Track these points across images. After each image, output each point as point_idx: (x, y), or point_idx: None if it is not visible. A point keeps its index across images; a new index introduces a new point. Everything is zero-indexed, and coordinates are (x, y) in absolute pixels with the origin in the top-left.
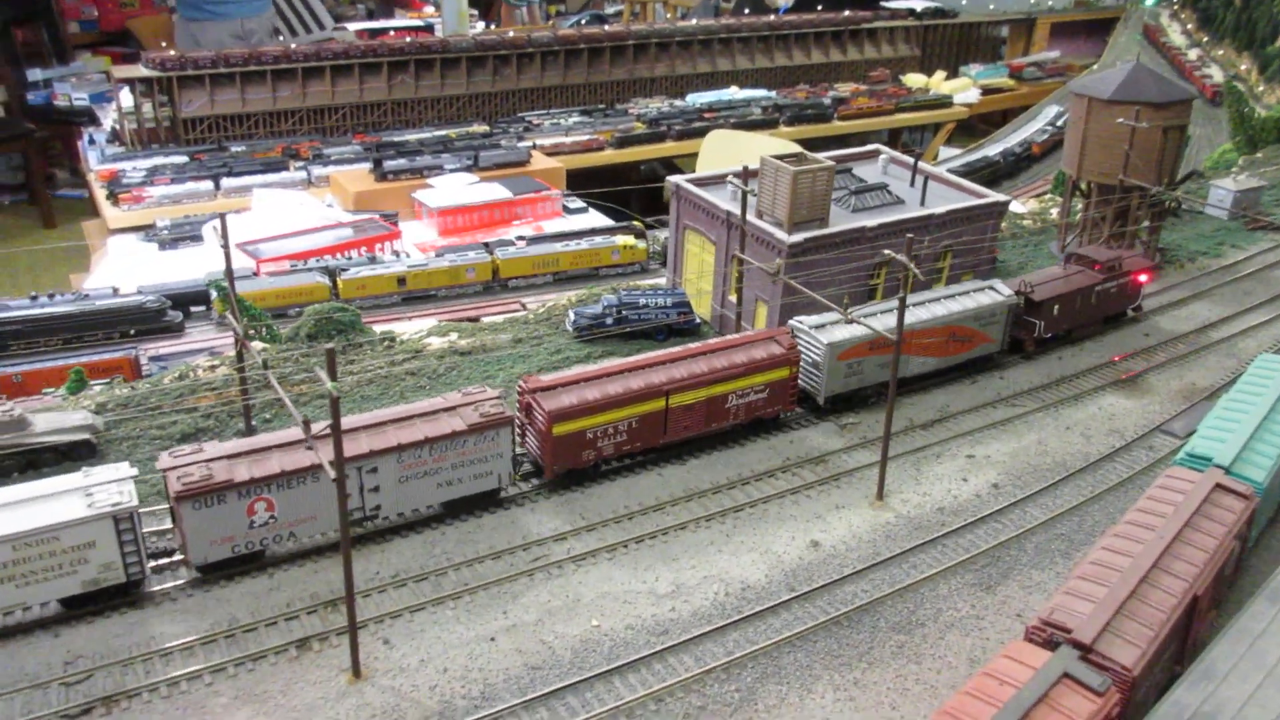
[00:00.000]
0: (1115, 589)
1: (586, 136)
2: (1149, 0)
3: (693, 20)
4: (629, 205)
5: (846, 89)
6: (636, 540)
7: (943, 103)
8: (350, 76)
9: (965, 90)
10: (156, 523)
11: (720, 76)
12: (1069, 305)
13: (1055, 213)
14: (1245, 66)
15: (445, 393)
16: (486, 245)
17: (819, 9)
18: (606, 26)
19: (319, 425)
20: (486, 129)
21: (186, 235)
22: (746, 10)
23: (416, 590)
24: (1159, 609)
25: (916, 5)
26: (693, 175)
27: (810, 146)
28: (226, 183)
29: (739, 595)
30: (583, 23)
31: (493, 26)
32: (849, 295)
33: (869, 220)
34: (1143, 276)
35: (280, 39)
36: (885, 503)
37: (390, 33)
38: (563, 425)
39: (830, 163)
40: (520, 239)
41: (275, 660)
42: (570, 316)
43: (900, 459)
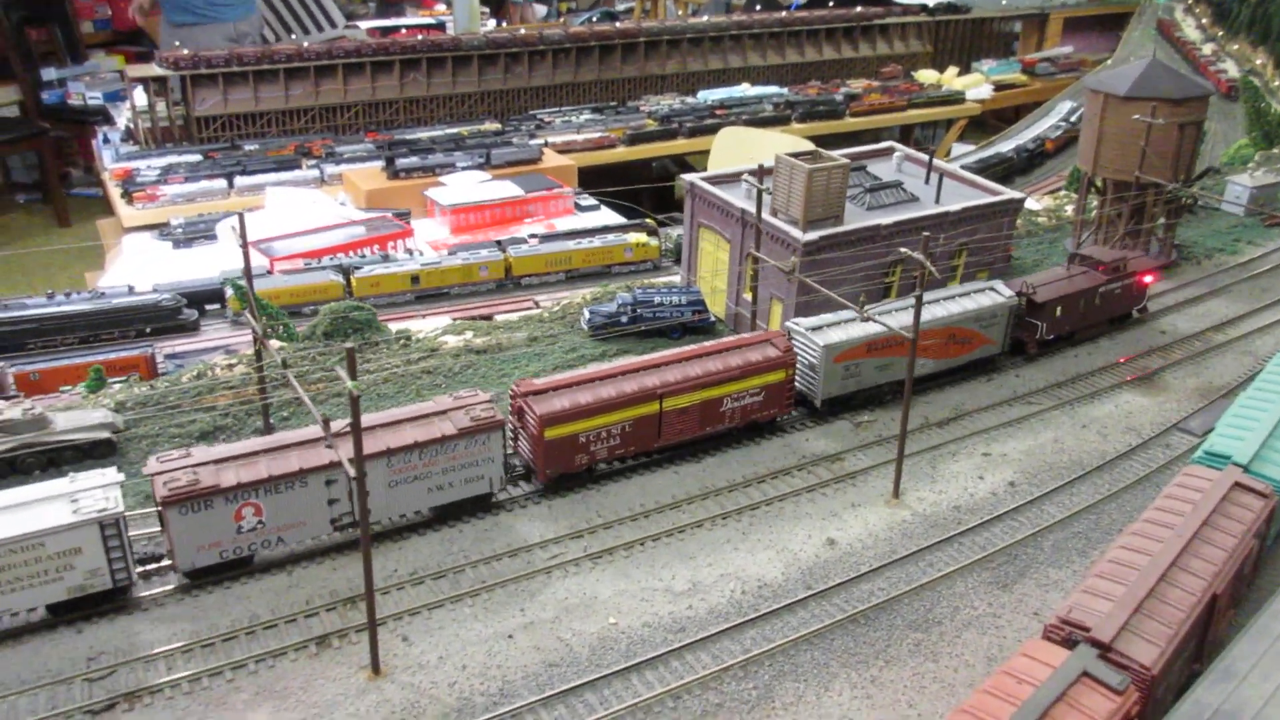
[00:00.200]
0: (1134, 587)
1: (598, 134)
2: None
3: (704, 17)
4: (640, 203)
5: (858, 85)
6: (653, 538)
7: (955, 99)
8: (362, 75)
9: (978, 86)
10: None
11: (732, 73)
12: (1072, 306)
13: (1070, 210)
14: (1261, 61)
15: (459, 391)
16: (499, 243)
17: (830, 5)
18: (618, 23)
19: (335, 424)
20: (498, 127)
21: (200, 234)
22: (758, 7)
23: (435, 588)
24: (1178, 608)
25: (929, 1)
26: (707, 173)
27: (822, 143)
28: (240, 181)
29: (755, 593)
30: (594, 20)
31: (504, 24)
32: (865, 293)
33: (884, 218)
34: (1148, 277)
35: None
36: (901, 501)
37: (402, 31)
38: (555, 429)
39: (845, 160)
40: (533, 237)
41: (295, 657)
42: (585, 315)
43: (916, 457)
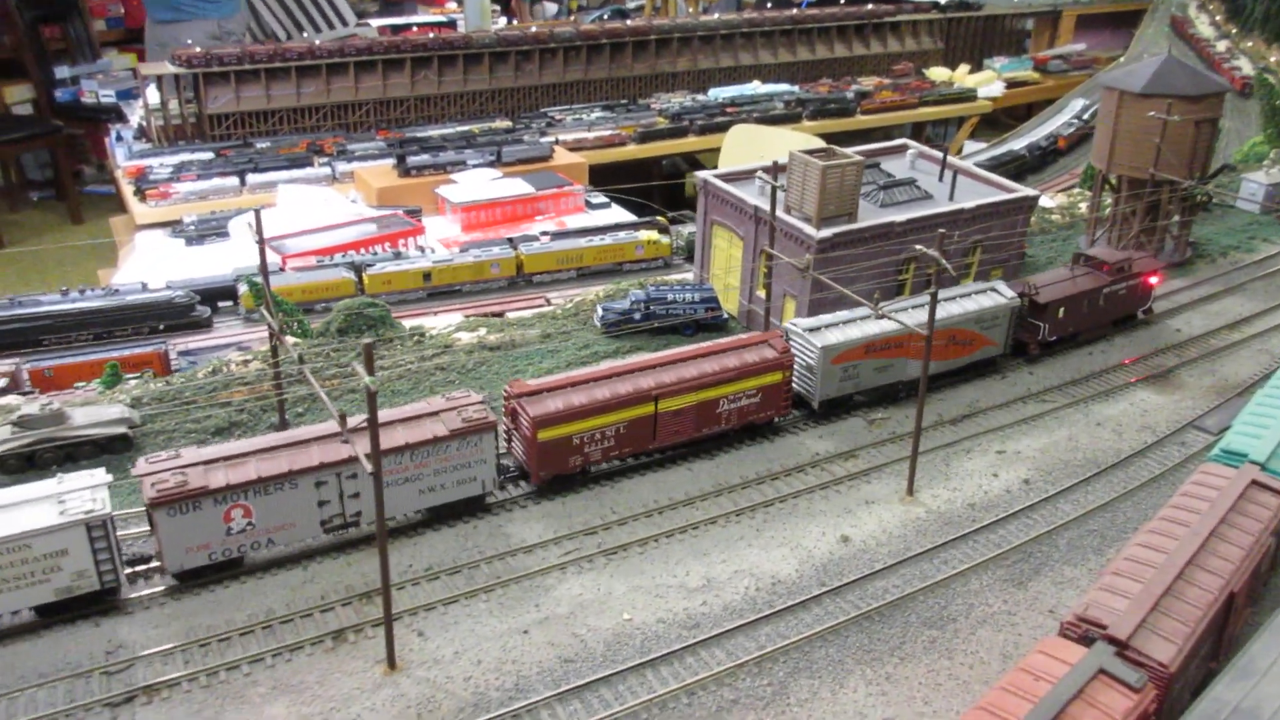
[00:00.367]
0: (1151, 585)
1: (609, 132)
2: None
3: (715, 14)
4: (651, 201)
5: (869, 83)
6: (667, 535)
7: (966, 96)
8: (374, 72)
9: (989, 84)
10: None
11: (742, 71)
12: (1075, 307)
13: (1084, 207)
14: (1275, 58)
15: (475, 388)
16: (511, 240)
17: (842, 2)
18: (629, 21)
19: (353, 419)
20: (509, 124)
21: (212, 231)
22: (769, 4)
23: (449, 583)
24: (1195, 605)
25: None
26: (720, 170)
27: (833, 141)
28: (252, 179)
29: (770, 590)
30: (605, 17)
31: (514, 22)
32: (879, 291)
33: (897, 215)
34: (1153, 278)
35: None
36: (915, 498)
37: (413, 29)
38: (548, 431)
39: (859, 157)
40: (544, 234)
41: (311, 651)
42: (598, 312)
43: (930, 454)
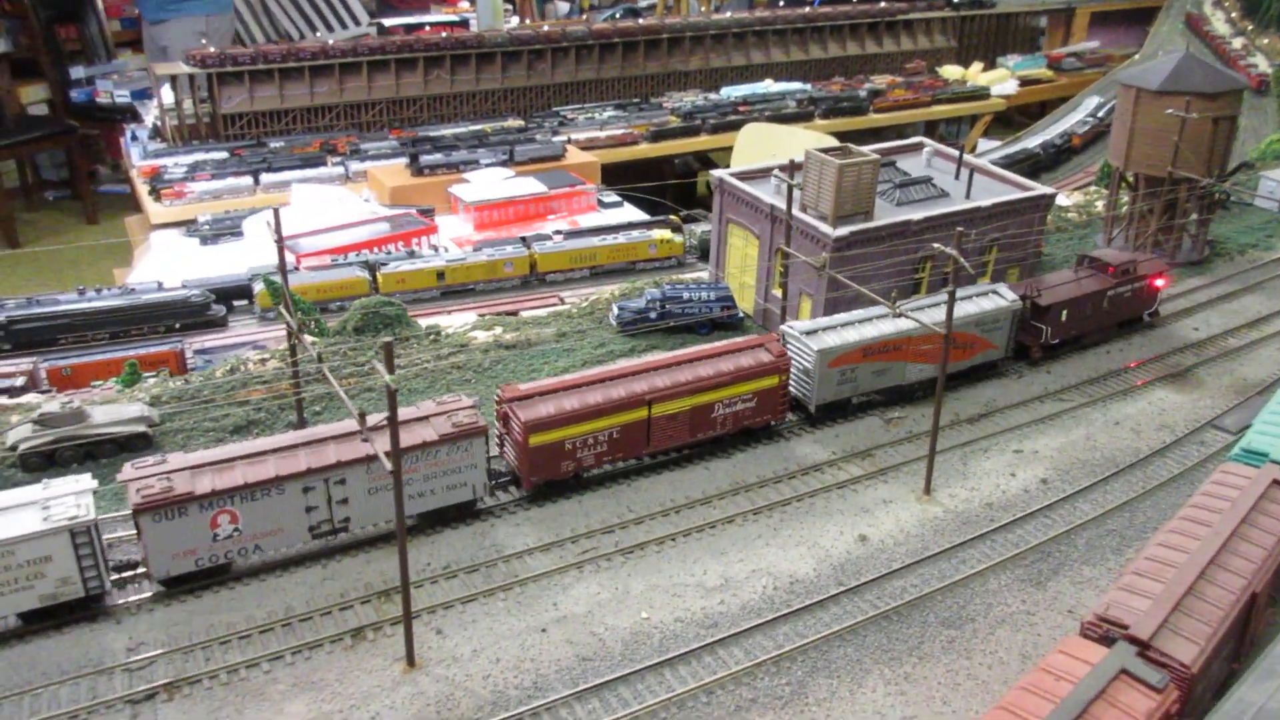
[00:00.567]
0: (1172, 585)
1: (621, 130)
2: None
3: (727, 13)
4: (663, 199)
5: (882, 81)
6: (684, 534)
7: (980, 94)
8: (386, 72)
9: (1003, 82)
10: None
11: (755, 69)
12: (1078, 310)
13: (1101, 206)
14: None
15: (490, 387)
16: (524, 239)
17: (854, 1)
18: (640, 20)
19: (374, 417)
20: (521, 124)
21: (227, 230)
22: (781, 2)
23: (467, 581)
24: (1217, 606)
25: None
26: (736, 169)
27: (846, 139)
28: (266, 178)
29: (787, 589)
30: (617, 16)
31: (527, 21)
32: (897, 289)
33: (914, 214)
34: (1159, 281)
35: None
36: (933, 497)
37: (426, 28)
38: (539, 436)
39: (875, 155)
40: (557, 233)
41: (331, 649)
42: (614, 310)
43: (947, 453)
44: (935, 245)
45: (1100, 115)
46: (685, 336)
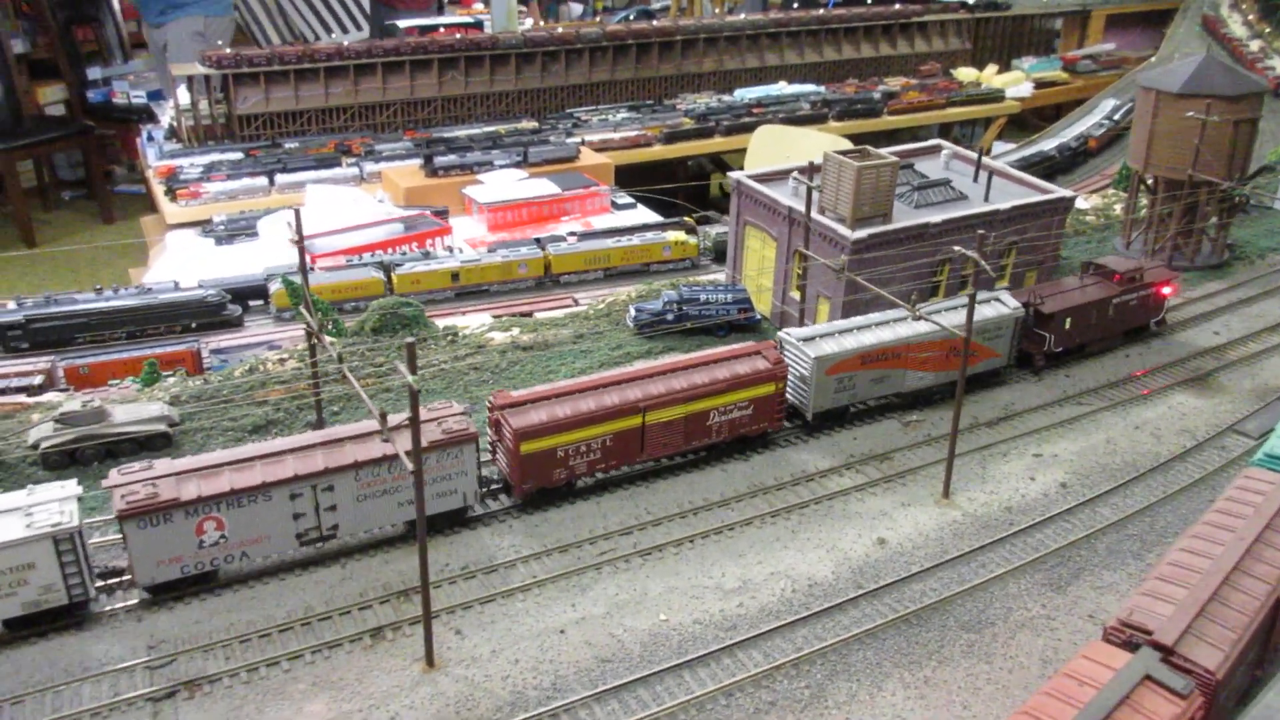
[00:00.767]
0: (1196, 590)
1: (634, 132)
2: None
3: (741, 15)
4: (677, 201)
5: (896, 83)
6: (702, 535)
7: (994, 97)
8: (401, 73)
9: (1018, 84)
10: None
11: (768, 71)
12: (1083, 318)
13: (1120, 209)
14: None
15: (508, 389)
16: (538, 241)
17: (869, 2)
18: (654, 22)
19: (396, 417)
20: (535, 125)
21: (242, 230)
22: (795, 4)
23: (486, 582)
24: (1242, 612)
25: None
26: (754, 171)
27: (859, 141)
28: (281, 179)
29: (806, 592)
30: (630, 18)
31: (542, 23)
32: (916, 292)
33: (932, 216)
34: (1166, 289)
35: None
36: (952, 501)
37: (440, 29)
38: (531, 443)
39: (894, 158)
40: (572, 235)
41: (350, 649)
42: (631, 312)
43: (965, 457)
44: (956, 248)
45: (1116, 118)
46: (702, 339)
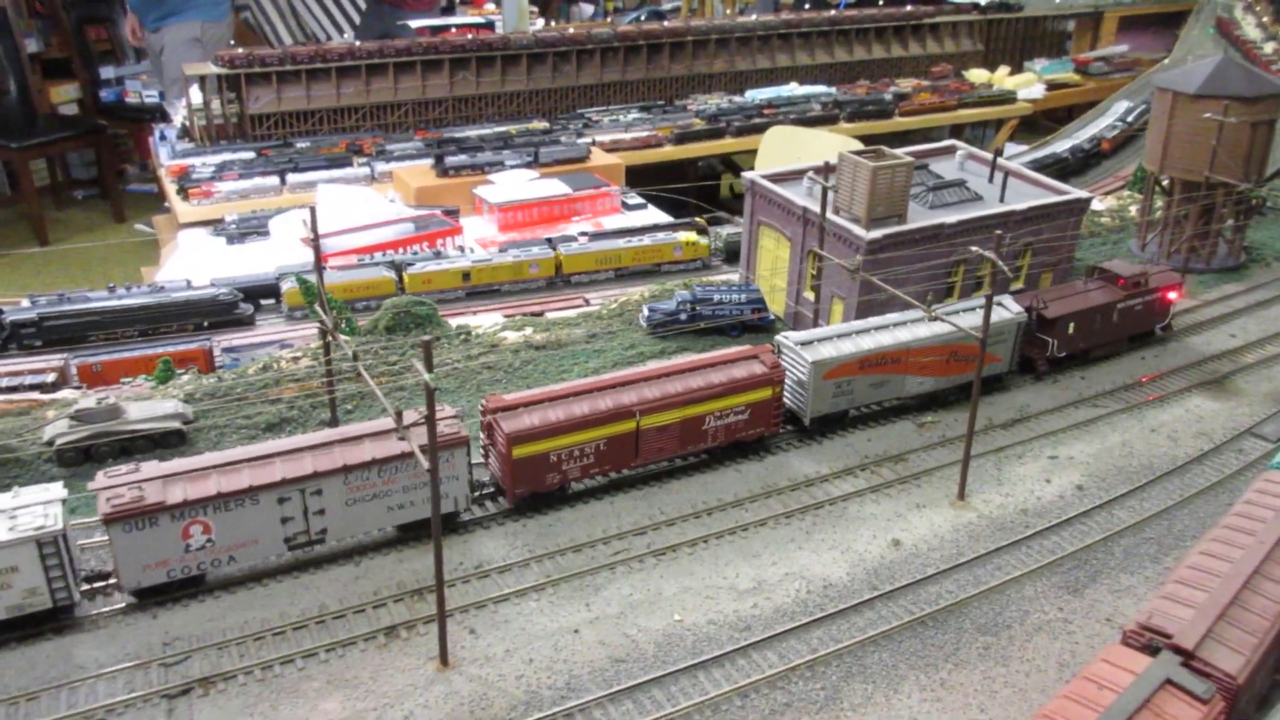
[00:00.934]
0: (1216, 594)
1: (645, 133)
2: None
3: (752, 16)
4: (687, 202)
5: (908, 85)
6: (716, 536)
7: (1006, 98)
8: (412, 73)
9: (1030, 86)
10: None
11: (780, 72)
12: (1086, 323)
13: (1135, 210)
14: None
15: (522, 388)
16: (550, 241)
17: (880, 4)
18: (665, 23)
19: (410, 415)
20: (546, 125)
21: (253, 229)
22: (806, 5)
23: (500, 581)
24: (1263, 616)
25: None
26: (768, 171)
27: (871, 143)
28: (292, 178)
29: (821, 593)
30: (641, 19)
31: (553, 24)
32: (932, 292)
33: (948, 217)
34: (1172, 294)
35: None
36: (967, 502)
37: (451, 30)
38: (523, 447)
39: (909, 158)
40: (583, 235)
41: (365, 647)
42: (644, 312)
43: (980, 459)
44: (973, 248)
45: (1130, 120)
46: (715, 339)
